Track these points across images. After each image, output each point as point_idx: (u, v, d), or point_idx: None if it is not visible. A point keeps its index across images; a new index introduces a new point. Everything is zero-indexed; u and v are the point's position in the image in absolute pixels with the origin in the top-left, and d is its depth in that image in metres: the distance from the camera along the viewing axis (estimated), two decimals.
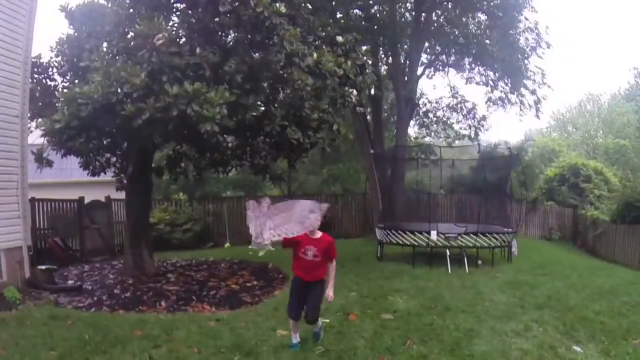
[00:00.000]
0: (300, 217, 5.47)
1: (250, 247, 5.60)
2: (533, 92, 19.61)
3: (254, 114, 8.67)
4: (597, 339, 6.36)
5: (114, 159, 12.23)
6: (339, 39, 10.32)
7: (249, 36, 8.82)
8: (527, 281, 10.06)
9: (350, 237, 17.40)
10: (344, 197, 21.97)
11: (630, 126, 35.83)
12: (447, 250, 11.38)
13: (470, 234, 11.74)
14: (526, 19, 18.75)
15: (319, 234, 5.70)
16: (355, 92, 10.02)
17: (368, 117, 19.24)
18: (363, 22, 16.39)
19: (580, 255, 18.79)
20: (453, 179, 21.21)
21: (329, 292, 5.77)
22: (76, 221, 14.16)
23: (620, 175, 26.52)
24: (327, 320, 6.74)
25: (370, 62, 13.77)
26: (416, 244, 11.86)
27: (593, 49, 75.47)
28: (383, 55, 19.57)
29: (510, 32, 18.63)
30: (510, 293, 8.90)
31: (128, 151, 11.12)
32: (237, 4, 8.26)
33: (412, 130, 24.68)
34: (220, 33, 9.48)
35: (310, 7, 10.38)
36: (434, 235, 11.55)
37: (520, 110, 20.30)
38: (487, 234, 11.77)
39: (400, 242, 12.14)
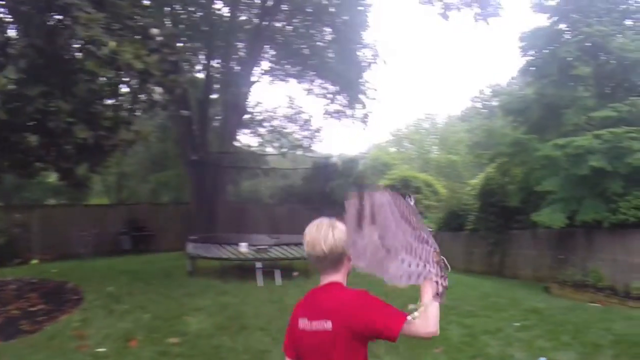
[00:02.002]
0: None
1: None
2: (365, 106, 20.26)
3: (39, 106, 7.59)
4: (398, 350, 6.13)
5: None
6: (154, 31, 9.40)
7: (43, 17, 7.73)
8: None
9: (173, 251, 15.77)
10: (166, 207, 20.85)
11: (461, 144, 38.14)
12: (259, 263, 10.87)
13: (283, 246, 11.36)
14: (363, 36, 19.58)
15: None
16: (160, 89, 9.12)
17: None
18: (182, 20, 15.73)
19: None
20: (283, 189, 21.07)
21: None
22: None
23: (449, 187, 28.11)
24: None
25: (196, 60, 13.03)
26: (226, 257, 11.16)
27: (432, 73, 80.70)
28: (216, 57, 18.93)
29: (351, 47, 19.27)
30: None
31: None
32: None
33: (247, 138, 24.41)
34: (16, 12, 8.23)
35: None
36: (244, 247, 10.97)
37: (353, 123, 20.93)
38: (300, 245, 11.45)
39: (209, 256, 11.33)
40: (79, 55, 8.00)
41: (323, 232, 2.24)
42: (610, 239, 12.84)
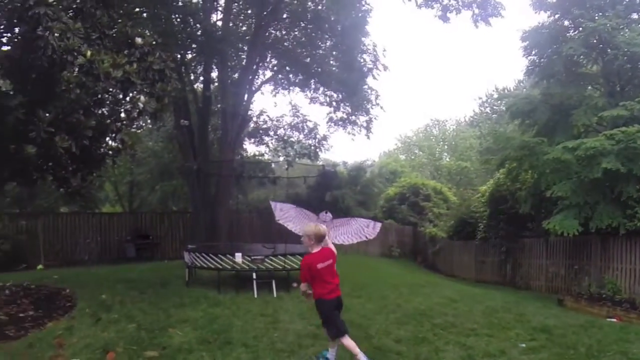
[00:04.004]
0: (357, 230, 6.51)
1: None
2: (367, 113, 20.02)
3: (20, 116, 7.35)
4: None
5: None
6: (138, 40, 9.16)
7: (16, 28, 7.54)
8: None
9: (177, 259, 15.82)
10: (171, 215, 20.93)
11: (472, 149, 37.73)
12: (254, 274, 10.49)
13: (279, 256, 10.91)
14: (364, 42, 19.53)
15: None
16: (144, 98, 8.80)
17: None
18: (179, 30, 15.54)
19: (417, 271, 18.89)
20: (289, 198, 20.74)
21: None
22: None
23: (459, 194, 27.67)
24: None
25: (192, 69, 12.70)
26: (221, 267, 10.75)
27: (441, 79, 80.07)
28: (215, 67, 18.71)
29: (352, 54, 19.14)
30: (310, 320, 7.95)
31: None
32: None
33: (254, 147, 24.23)
34: None
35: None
36: (238, 257, 10.53)
37: (359, 130, 20.67)
38: (297, 255, 11.02)
39: (205, 266, 10.95)
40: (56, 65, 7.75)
41: (321, 227, 5.60)
42: (627, 246, 12.20)
